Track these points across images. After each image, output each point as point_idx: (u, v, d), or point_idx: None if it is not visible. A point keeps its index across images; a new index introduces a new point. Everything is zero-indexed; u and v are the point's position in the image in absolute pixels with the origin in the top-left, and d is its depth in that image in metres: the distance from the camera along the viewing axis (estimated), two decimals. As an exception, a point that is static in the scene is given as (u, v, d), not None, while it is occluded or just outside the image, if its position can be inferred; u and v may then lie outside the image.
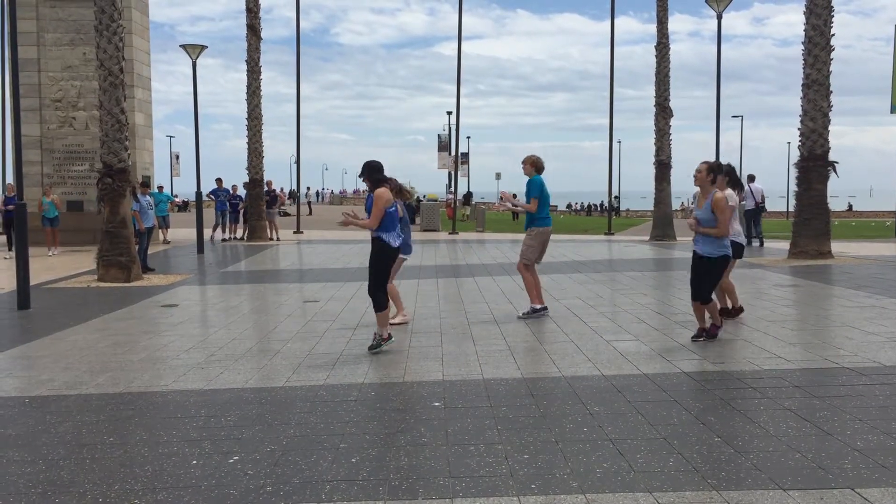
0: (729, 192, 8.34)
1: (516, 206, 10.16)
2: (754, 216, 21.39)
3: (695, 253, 7.98)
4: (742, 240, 9.34)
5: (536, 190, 9.65)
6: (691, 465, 4.45)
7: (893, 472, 4.26)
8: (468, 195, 53.84)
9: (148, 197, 17.70)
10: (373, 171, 7.79)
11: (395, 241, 7.74)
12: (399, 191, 8.57)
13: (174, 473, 4.50)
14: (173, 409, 5.91)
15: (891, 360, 6.98)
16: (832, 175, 17.74)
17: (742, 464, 4.45)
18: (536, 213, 9.66)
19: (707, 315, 8.04)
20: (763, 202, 21.95)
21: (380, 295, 7.69)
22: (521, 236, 10.10)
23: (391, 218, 7.70)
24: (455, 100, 31.81)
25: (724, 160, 7.48)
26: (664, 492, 4.06)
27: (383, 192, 7.62)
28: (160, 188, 24.52)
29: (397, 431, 5.21)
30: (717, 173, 8.10)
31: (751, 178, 21.82)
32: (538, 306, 9.79)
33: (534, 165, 9.80)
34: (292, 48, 30.53)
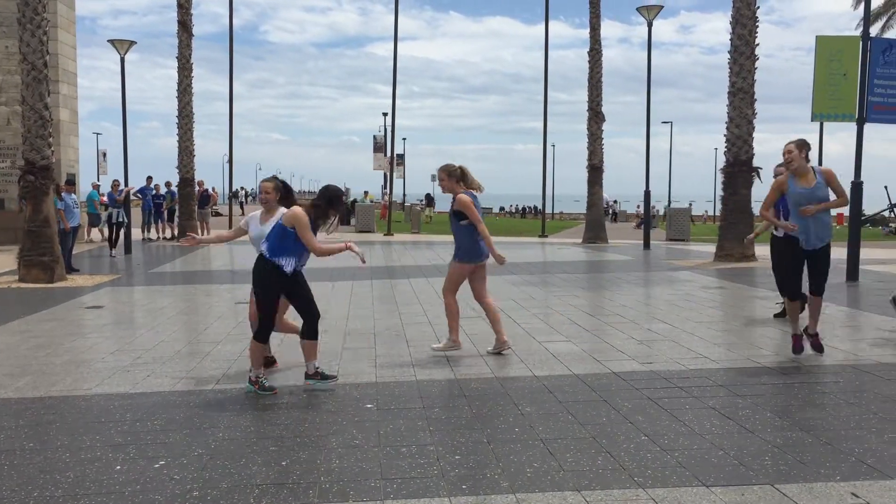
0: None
1: None
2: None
3: (806, 250, 7.09)
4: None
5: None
6: (619, 463, 4.54)
7: (811, 468, 4.42)
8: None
9: (73, 195, 17.18)
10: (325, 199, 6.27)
11: (288, 267, 6.14)
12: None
13: (97, 479, 4.37)
14: (97, 413, 5.74)
15: (809, 359, 7.23)
16: (756, 180, 18.35)
17: (668, 462, 4.55)
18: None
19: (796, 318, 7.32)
20: None
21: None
22: None
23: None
24: (391, 100, 31.80)
25: (654, 166, 7.52)
26: (592, 490, 4.13)
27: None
28: (95, 186, 23.82)
29: (329, 434, 5.17)
30: (808, 150, 7.08)
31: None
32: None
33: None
34: (221, 45, 30.18)
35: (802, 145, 6.94)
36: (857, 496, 3.99)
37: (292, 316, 6.89)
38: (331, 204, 6.21)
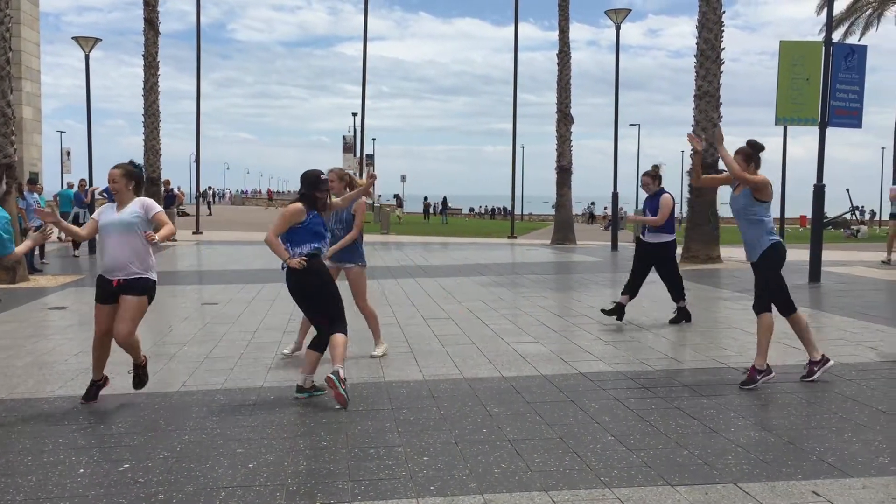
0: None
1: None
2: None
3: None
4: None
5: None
6: (585, 463, 4.57)
7: (773, 466, 4.49)
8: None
9: (35, 195, 16.91)
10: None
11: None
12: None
13: (60, 483, 4.31)
14: (60, 415, 5.66)
15: (772, 360, 7.33)
16: (722, 183, 18.58)
17: (633, 461, 4.60)
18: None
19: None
20: None
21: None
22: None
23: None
24: (360, 101, 31.70)
25: (622, 167, 7.47)
26: (559, 490, 4.16)
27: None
28: (70, 185, 23.48)
29: (296, 436, 5.15)
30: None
31: None
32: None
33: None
34: (188, 43, 30.17)
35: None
36: (818, 494, 4.07)
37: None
38: (314, 187, 6.06)
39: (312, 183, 6.08)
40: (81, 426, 5.38)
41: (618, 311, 9.56)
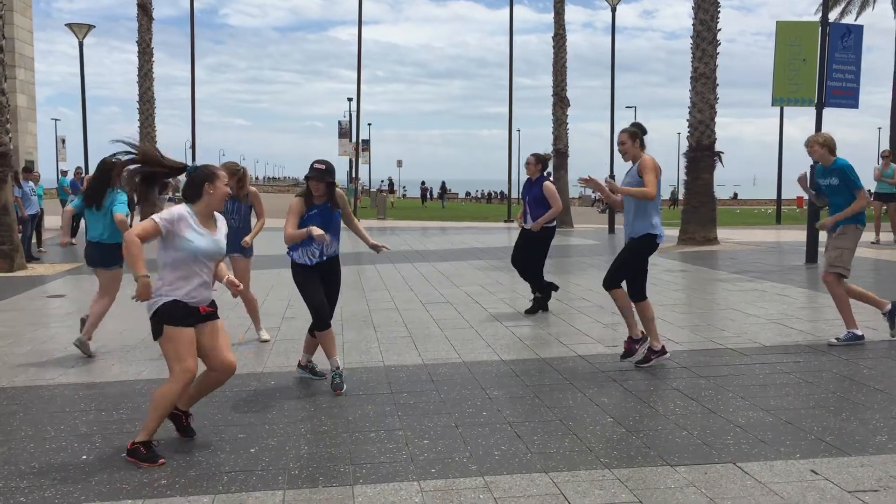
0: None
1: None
2: None
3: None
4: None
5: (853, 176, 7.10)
6: (585, 445, 4.60)
7: (771, 446, 4.52)
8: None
9: (31, 183, 16.85)
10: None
11: (301, 258, 6.00)
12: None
13: (63, 469, 4.33)
14: (61, 403, 5.68)
15: (770, 340, 7.38)
16: (718, 164, 18.59)
17: (633, 442, 4.63)
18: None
19: None
20: None
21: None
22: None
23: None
24: (355, 86, 31.58)
25: (618, 150, 7.27)
26: (559, 472, 4.19)
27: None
28: (63, 173, 23.39)
29: (297, 420, 5.18)
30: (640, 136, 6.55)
31: None
32: (858, 332, 7.19)
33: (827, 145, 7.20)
34: (180, 28, 30.28)
35: (635, 134, 6.41)
36: (816, 473, 4.10)
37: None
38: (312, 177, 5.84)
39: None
40: (83, 413, 5.40)
41: (540, 303, 9.11)
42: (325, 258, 5.97)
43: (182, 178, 4.88)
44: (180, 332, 4.53)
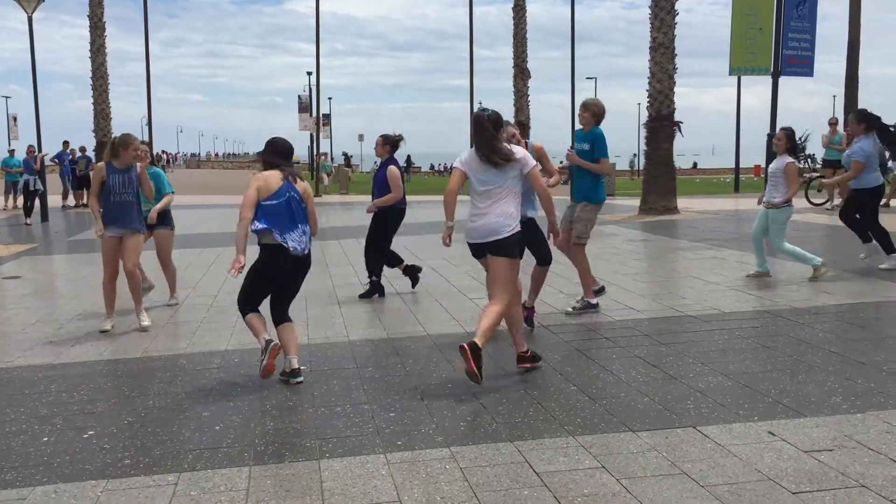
0: None
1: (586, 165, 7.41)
2: None
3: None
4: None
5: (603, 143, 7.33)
6: (549, 413, 4.66)
7: (730, 409, 4.62)
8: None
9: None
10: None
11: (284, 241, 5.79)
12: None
13: (23, 452, 4.28)
14: (20, 385, 5.59)
15: (729, 306, 7.51)
16: (678, 134, 18.72)
17: (596, 410, 4.70)
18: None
19: None
20: None
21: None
22: None
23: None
24: (314, 59, 31.17)
25: (578, 121, 7.49)
26: (524, 440, 4.23)
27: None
28: (11, 152, 22.81)
29: (262, 397, 5.16)
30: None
31: None
32: (594, 301, 7.56)
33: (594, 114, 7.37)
34: (133, 2, 29.19)
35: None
36: (773, 434, 4.20)
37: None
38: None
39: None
40: (43, 395, 5.32)
41: (375, 289, 8.57)
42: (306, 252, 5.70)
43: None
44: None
